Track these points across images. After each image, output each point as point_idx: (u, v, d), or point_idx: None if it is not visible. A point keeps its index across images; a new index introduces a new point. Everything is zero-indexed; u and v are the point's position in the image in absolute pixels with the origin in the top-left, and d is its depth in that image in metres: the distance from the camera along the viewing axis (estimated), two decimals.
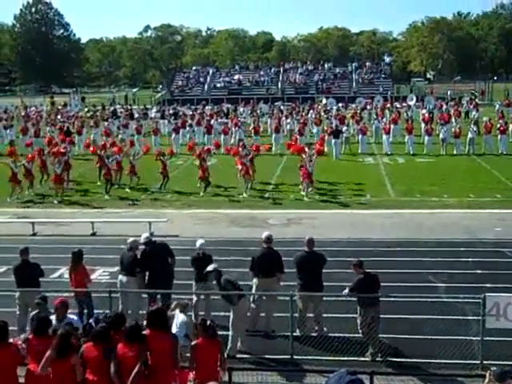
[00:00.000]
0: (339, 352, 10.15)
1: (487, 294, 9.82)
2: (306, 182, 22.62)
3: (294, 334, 10.75)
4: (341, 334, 10.72)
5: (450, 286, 13.24)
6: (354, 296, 10.63)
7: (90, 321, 9.18)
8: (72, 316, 9.56)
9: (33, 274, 11.28)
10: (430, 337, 10.66)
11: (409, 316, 11.54)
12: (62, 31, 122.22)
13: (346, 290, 10.68)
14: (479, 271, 14.35)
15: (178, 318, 9.51)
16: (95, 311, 11.06)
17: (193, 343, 8.43)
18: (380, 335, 10.46)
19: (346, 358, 9.98)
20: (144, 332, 8.14)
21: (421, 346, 10.51)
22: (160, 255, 11.82)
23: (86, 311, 11.43)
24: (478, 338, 10.00)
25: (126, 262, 11.74)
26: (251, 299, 11.52)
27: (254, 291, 11.58)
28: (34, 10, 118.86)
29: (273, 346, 10.92)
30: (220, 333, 8.95)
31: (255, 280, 11.55)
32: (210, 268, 11.04)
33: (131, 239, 12.03)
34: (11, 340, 8.36)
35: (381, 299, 10.64)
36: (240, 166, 23.60)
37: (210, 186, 23.57)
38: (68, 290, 11.81)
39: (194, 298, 11.81)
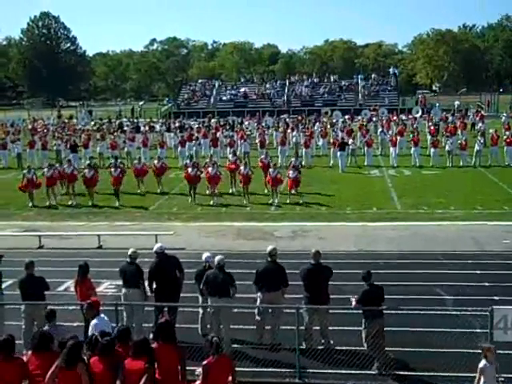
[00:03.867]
0: (346, 365, 10.07)
1: (495, 307, 9.74)
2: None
3: (301, 347, 10.70)
4: (347, 347, 10.66)
5: (457, 299, 13.19)
6: (361, 308, 10.59)
7: (96, 334, 9.14)
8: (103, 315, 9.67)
9: (38, 287, 11.29)
10: (437, 350, 10.57)
11: (416, 329, 11.46)
12: (68, 45, 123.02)
13: (354, 303, 10.64)
14: (487, 283, 14.27)
15: None
16: None
17: (203, 363, 8.13)
18: (387, 348, 10.37)
19: (352, 372, 9.91)
20: (152, 345, 8.10)
21: (428, 359, 10.43)
22: (169, 268, 11.81)
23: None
24: None
25: (129, 274, 11.69)
26: (256, 312, 11.49)
27: (258, 304, 11.54)
28: (41, 24, 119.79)
29: (279, 359, 10.86)
30: None
31: (259, 294, 11.51)
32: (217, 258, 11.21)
33: (131, 250, 11.95)
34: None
35: (388, 311, 10.59)
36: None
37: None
38: (74, 303, 11.80)
39: (201, 311, 11.80)
